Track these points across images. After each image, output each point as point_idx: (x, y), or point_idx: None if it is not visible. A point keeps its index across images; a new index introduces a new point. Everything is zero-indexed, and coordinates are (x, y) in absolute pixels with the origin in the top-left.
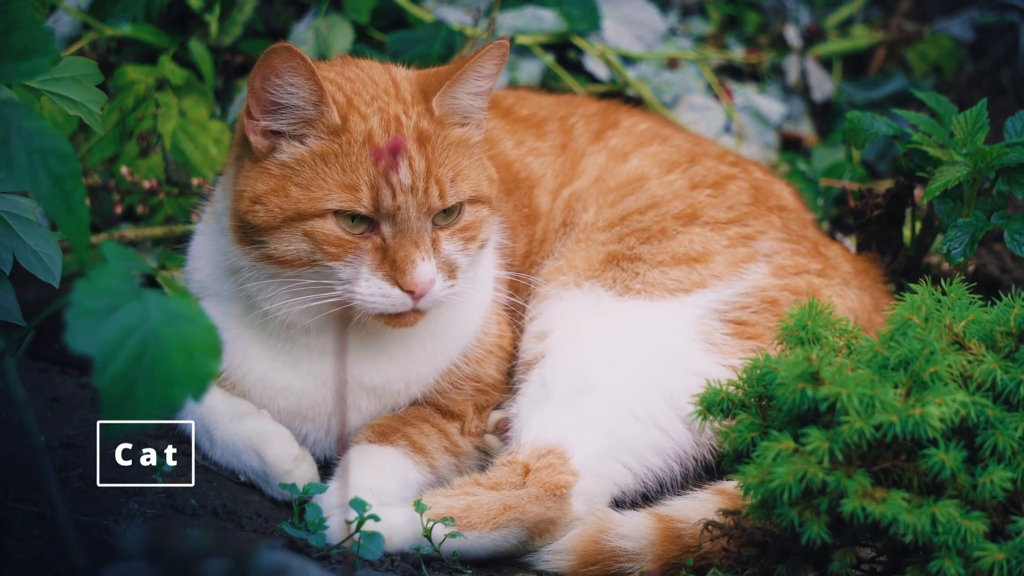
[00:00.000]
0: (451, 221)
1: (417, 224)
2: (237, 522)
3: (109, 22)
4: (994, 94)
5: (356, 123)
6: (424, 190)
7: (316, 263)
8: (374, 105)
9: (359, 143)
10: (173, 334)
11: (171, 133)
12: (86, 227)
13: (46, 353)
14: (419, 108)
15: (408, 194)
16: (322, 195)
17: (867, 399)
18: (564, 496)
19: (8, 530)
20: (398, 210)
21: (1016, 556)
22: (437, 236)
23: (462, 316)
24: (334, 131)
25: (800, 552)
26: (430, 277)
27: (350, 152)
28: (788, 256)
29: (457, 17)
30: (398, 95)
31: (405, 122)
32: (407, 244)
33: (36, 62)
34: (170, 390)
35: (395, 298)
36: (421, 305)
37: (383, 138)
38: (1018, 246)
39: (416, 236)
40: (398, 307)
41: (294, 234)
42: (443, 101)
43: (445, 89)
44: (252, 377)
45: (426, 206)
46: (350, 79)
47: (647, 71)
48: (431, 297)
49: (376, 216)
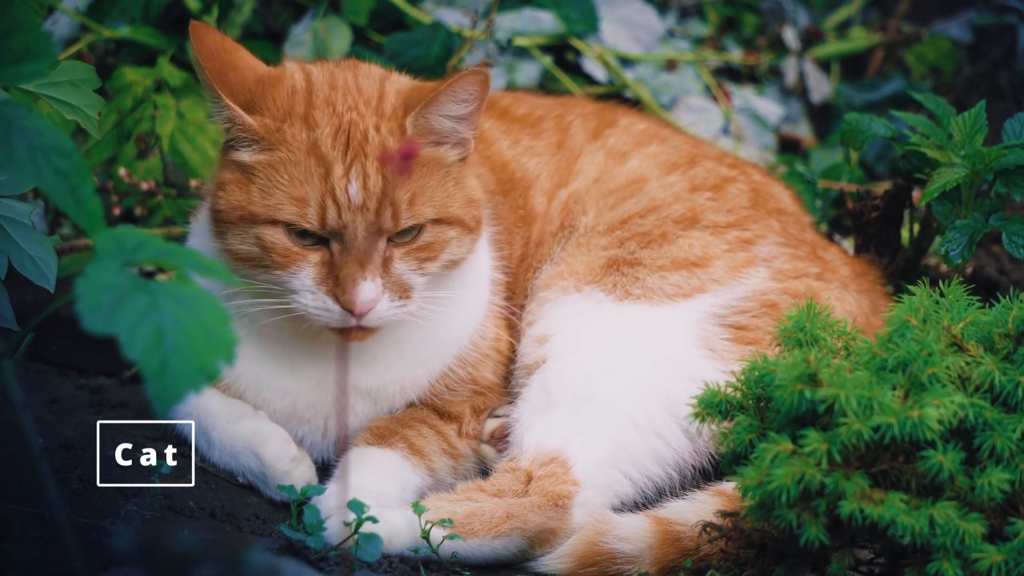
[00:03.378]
0: (408, 240)
1: (364, 243)
2: (235, 524)
3: (107, 24)
4: (992, 96)
5: (294, 133)
6: (376, 210)
7: (267, 268)
8: (347, 116)
9: (304, 153)
10: (186, 313)
11: (169, 135)
12: (100, 218)
13: (44, 355)
14: (393, 124)
15: (357, 213)
16: (275, 203)
17: (865, 401)
18: (566, 506)
19: (6, 532)
20: (344, 228)
21: (1014, 558)
22: (391, 254)
23: (457, 320)
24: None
25: (798, 554)
26: (370, 298)
27: (298, 161)
28: (787, 260)
29: (455, 19)
30: (378, 108)
31: (372, 136)
32: (351, 262)
33: (35, 65)
34: (203, 359)
35: (336, 314)
36: (366, 323)
37: (330, 149)
38: (1016, 248)
39: (362, 255)
40: (340, 323)
41: (248, 234)
42: (416, 121)
43: (419, 111)
44: (246, 379)
45: (376, 226)
46: (333, 86)
47: (645, 73)
48: (375, 316)
49: (322, 233)
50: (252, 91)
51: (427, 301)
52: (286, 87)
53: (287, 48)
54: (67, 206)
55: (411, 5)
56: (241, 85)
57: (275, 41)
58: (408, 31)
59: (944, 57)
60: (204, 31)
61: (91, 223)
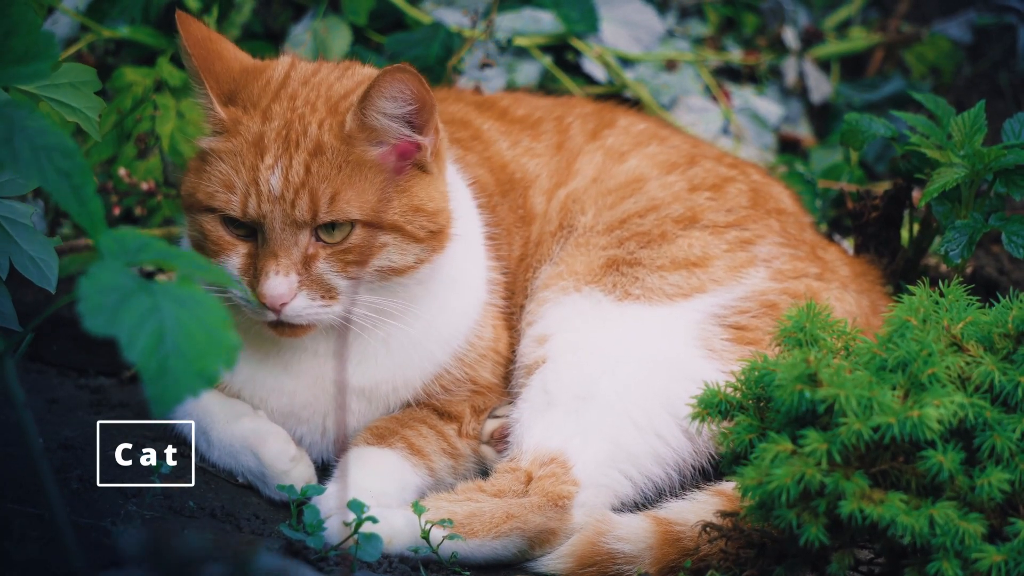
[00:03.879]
0: (336, 241)
1: (282, 235)
2: (235, 524)
3: (107, 24)
4: (992, 96)
5: (249, 125)
6: (292, 201)
7: (206, 255)
8: (300, 111)
9: (249, 143)
10: (187, 315)
11: (169, 135)
12: (101, 219)
13: (44, 355)
14: (336, 120)
15: (275, 203)
16: (212, 190)
17: (865, 401)
18: (566, 507)
19: (6, 532)
20: (263, 218)
21: (1014, 558)
22: (316, 252)
23: (446, 321)
24: (223, 129)
25: (798, 554)
26: (279, 292)
27: (240, 152)
28: (787, 260)
29: (455, 19)
30: (336, 106)
31: (311, 131)
32: (267, 255)
33: (36, 66)
34: (203, 361)
35: (255, 306)
36: (285, 319)
37: (272, 142)
38: (1016, 248)
39: (278, 247)
40: (260, 316)
41: (195, 221)
42: (355, 118)
43: (356, 107)
44: (241, 377)
45: (291, 218)
46: (306, 82)
47: (645, 73)
48: (293, 313)
49: (245, 220)
50: (236, 80)
51: (368, 307)
52: (264, 79)
53: (287, 48)
54: (70, 206)
55: (411, 5)
56: (227, 74)
57: (275, 41)
58: (408, 31)
59: (944, 57)
60: (190, 21)
61: (93, 224)
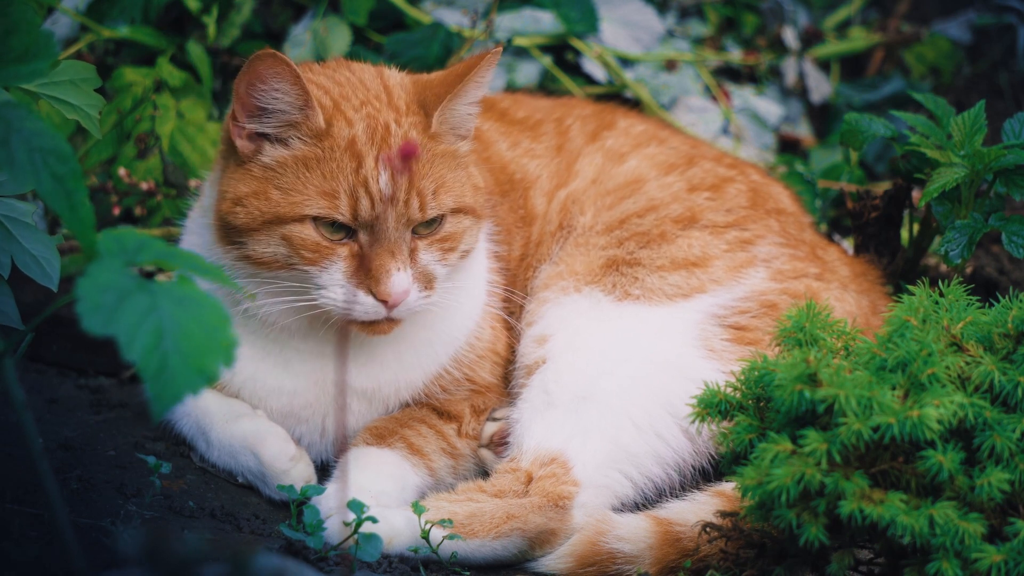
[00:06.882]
0: (431, 231)
1: (395, 234)
2: (235, 524)
3: (107, 24)
4: (992, 96)
5: (340, 128)
6: (404, 201)
7: (293, 266)
8: (362, 111)
9: (341, 148)
10: (185, 314)
11: (169, 135)
12: (91, 225)
13: (44, 355)
14: (413, 119)
15: (388, 204)
16: (301, 200)
17: (865, 401)
18: (566, 507)
19: (6, 532)
20: (376, 220)
21: (1014, 558)
22: (416, 245)
23: (453, 321)
24: (317, 135)
25: (798, 554)
26: (404, 287)
27: (332, 158)
28: (787, 260)
29: (455, 19)
30: (390, 102)
31: (395, 131)
32: (383, 253)
33: (36, 65)
34: (202, 359)
35: (368, 306)
36: (395, 314)
37: (366, 145)
38: (1016, 248)
39: (393, 246)
40: (371, 315)
41: (272, 237)
42: (443, 116)
43: (446, 104)
44: (241, 377)
45: (405, 217)
46: (339, 83)
47: (645, 73)
48: (405, 307)
49: (354, 225)
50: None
51: (446, 292)
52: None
53: (287, 48)
54: (61, 211)
55: (411, 5)
56: None
57: (275, 41)
58: (408, 31)
59: (944, 57)
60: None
61: (83, 230)
